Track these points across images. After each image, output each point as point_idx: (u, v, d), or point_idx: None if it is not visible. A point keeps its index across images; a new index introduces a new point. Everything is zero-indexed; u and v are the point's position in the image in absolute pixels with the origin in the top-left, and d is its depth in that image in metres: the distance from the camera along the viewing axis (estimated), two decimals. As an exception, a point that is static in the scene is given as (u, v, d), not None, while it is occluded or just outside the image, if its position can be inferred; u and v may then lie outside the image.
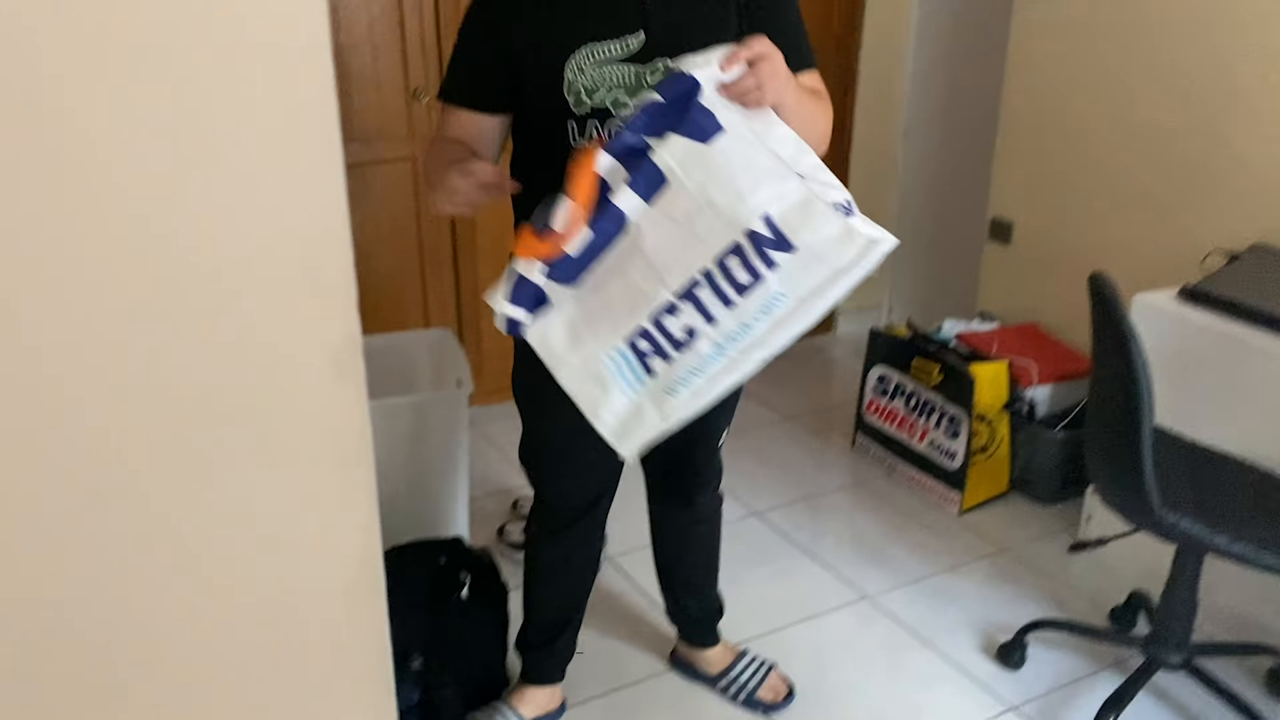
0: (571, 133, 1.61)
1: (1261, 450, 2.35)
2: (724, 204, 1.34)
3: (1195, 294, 2.53)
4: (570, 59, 1.57)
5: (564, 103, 1.59)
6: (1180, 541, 2.11)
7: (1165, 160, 2.97)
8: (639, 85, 1.57)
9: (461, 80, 1.71)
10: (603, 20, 1.57)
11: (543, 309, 1.45)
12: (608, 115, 1.59)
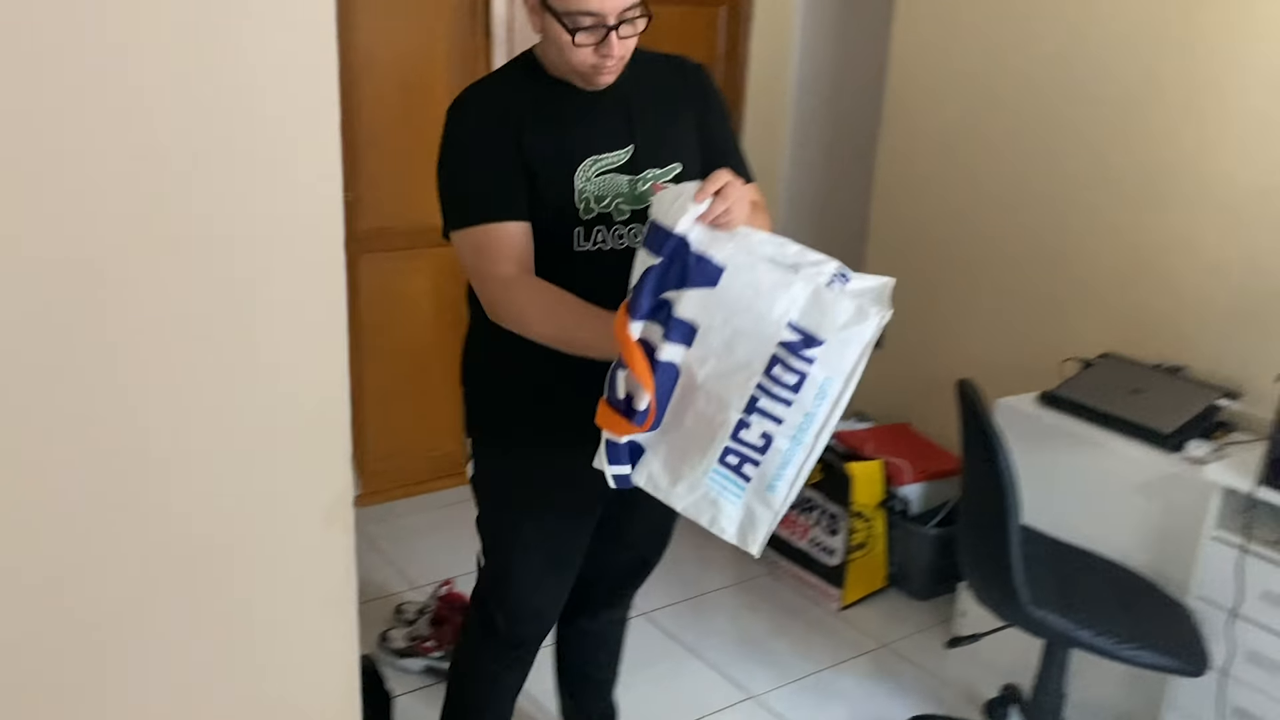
0: (576, 238, 1.72)
1: (1119, 546, 2.50)
2: (751, 329, 1.49)
3: (1054, 399, 2.69)
4: (579, 169, 1.70)
5: (574, 210, 1.70)
6: (1048, 636, 2.21)
7: (1024, 277, 3.18)
8: (632, 192, 1.74)
9: (502, 193, 1.69)
10: (601, 134, 1.72)
11: (641, 458, 1.60)
12: (611, 221, 1.73)
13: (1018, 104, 3.15)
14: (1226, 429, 2.55)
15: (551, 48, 1.66)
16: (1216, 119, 2.67)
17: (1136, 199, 2.87)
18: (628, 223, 1.74)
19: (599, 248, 1.73)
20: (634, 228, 1.75)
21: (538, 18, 1.64)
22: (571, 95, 1.72)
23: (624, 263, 1.65)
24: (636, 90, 1.76)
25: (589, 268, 1.72)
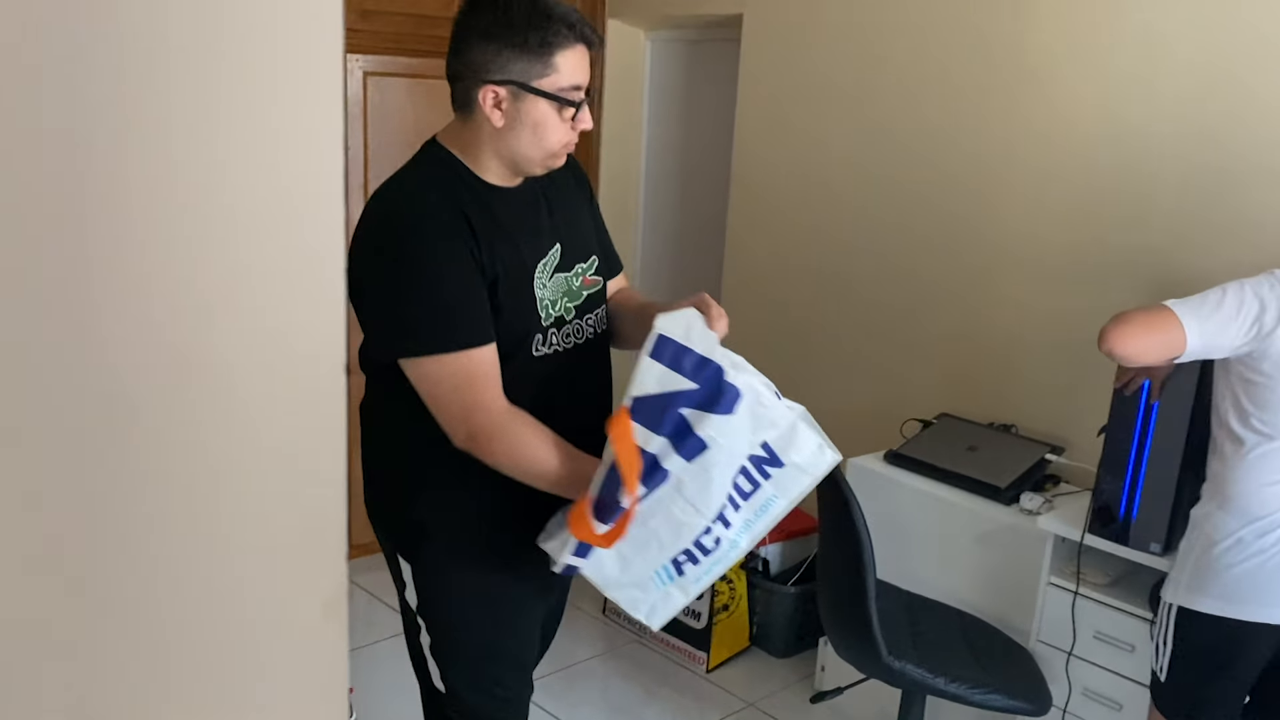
0: (535, 344, 1.69)
1: (965, 596, 2.65)
2: (741, 448, 1.61)
3: (898, 457, 2.85)
4: (535, 276, 1.68)
5: (537, 318, 1.68)
6: (905, 686, 2.32)
7: (866, 344, 3.37)
8: (570, 289, 1.74)
9: (481, 314, 1.60)
10: (537, 235, 1.70)
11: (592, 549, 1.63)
12: (562, 323, 1.72)
13: (853, 183, 3.36)
14: (1055, 481, 2.75)
15: (522, 135, 1.58)
16: (1034, 193, 2.92)
17: (965, 270, 3.09)
18: (573, 320, 1.75)
19: (554, 350, 1.72)
20: (577, 324, 1.75)
21: (509, 106, 1.56)
22: (503, 197, 1.66)
23: (572, 360, 1.73)
24: (545, 184, 1.74)
25: (543, 370, 1.70)
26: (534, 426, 1.61)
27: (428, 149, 1.68)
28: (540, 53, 1.53)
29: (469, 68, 1.56)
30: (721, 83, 3.86)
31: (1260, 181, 2.48)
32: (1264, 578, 1.88)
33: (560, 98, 1.56)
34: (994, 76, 2.97)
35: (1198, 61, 2.57)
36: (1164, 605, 2.06)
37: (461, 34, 1.56)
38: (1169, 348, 1.87)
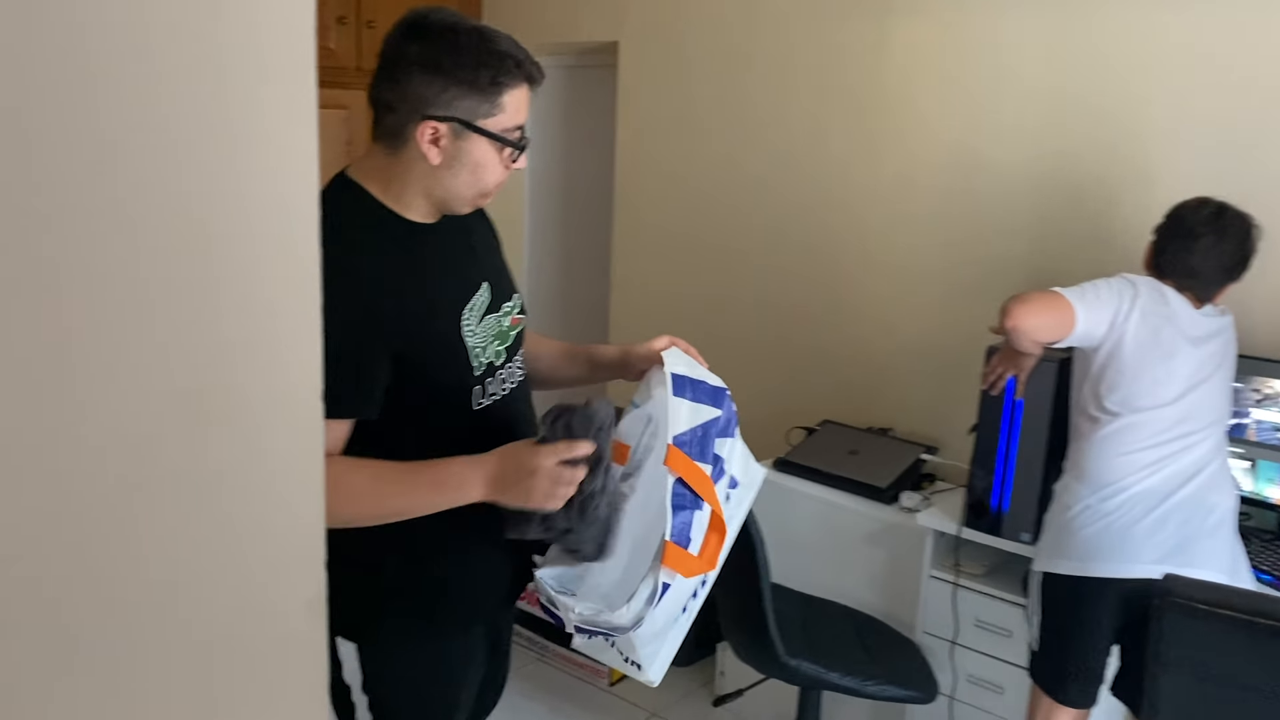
0: (475, 397, 1.57)
1: (854, 593, 2.77)
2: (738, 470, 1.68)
3: (786, 464, 2.97)
4: (463, 325, 1.55)
5: (470, 370, 1.55)
6: (802, 683, 2.42)
7: (752, 357, 3.49)
8: (500, 330, 1.62)
9: (363, 388, 1.46)
10: (465, 280, 1.58)
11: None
12: (494, 368, 1.60)
13: (731, 203, 3.48)
14: (931, 480, 2.91)
15: (459, 175, 1.48)
16: (902, 210, 3.09)
17: (840, 284, 3.24)
18: (504, 364, 1.63)
19: (494, 399, 1.61)
20: (509, 369, 1.64)
21: (449, 144, 1.46)
22: (424, 237, 1.54)
23: (511, 406, 1.63)
24: (462, 219, 1.62)
25: (487, 423, 1.58)
26: (348, 465, 1.45)
27: (341, 185, 1.52)
28: (490, 92, 1.44)
29: (406, 100, 1.44)
30: (600, 107, 3.95)
31: (1106, 194, 2.69)
32: (1110, 538, 2.08)
33: (505, 139, 1.48)
34: (857, 101, 3.13)
35: (1046, 83, 2.77)
36: (1031, 576, 2.24)
37: (399, 62, 1.44)
38: (1061, 327, 2.05)
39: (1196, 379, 2.09)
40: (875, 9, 3.06)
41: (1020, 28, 2.80)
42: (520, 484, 1.44)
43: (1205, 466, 2.09)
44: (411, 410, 1.51)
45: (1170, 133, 2.59)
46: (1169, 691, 1.51)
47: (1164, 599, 1.47)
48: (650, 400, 1.65)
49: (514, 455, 1.46)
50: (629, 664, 1.61)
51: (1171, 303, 2.11)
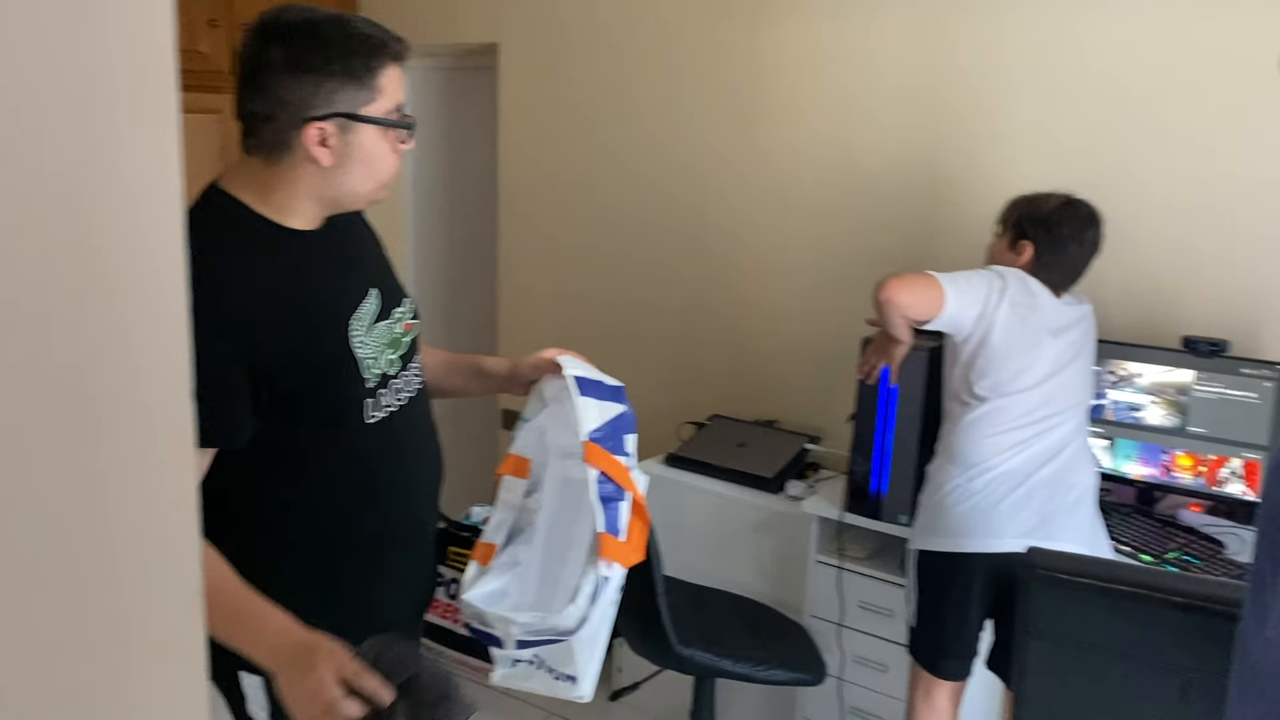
0: (367, 410, 1.50)
1: (745, 582, 2.84)
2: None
3: (677, 459, 3.02)
4: (351, 335, 1.48)
5: (361, 381, 1.48)
6: (696, 672, 2.47)
7: (643, 354, 3.53)
8: (393, 338, 1.56)
9: (232, 413, 1.38)
10: (351, 287, 1.52)
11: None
12: (387, 378, 1.53)
13: (616, 203, 3.52)
14: (815, 468, 3.00)
15: (353, 170, 1.43)
16: (781, 208, 3.17)
17: (725, 281, 3.31)
18: (399, 373, 1.56)
19: (388, 411, 1.53)
20: (405, 377, 1.58)
21: (338, 141, 1.40)
22: (305, 246, 1.47)
23: (408, 418, 1.56)
24: (342, 226, 1.56)
25: (381, 437, 1.52)
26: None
27: (209, 200, 1.44)
28: (365, 78, 1.39)
29: (282, 106, 1.37)
30: (482, 109, 3.94)
31: (965, 192, 2.81)
32: (979, 516, 2.19)
33: (391, 122, 1.43)
34: (738, 101, 3.20)
35: (912, 85, 2.89)
36: (908, 554, 2.34)
37: (265, 70, 1.37)
38: (931, 306, 2.14)
39: (1058, 365, 2.22)
40: (752, 10, 3.14)
41: (887, 30, 2.91)
42: (295, 678, 1.31)
43: (1066, 446, 2.22)
44: (303, 430, 1.45)
45: (1024, 131, 2.73)
46: (1036, 658, 1.60)
47: (1028, 571, 1.55)
48: (544, 412, 1.66)
49: (310, 649, 1.32)
50: (562, 681, 1.58)
51: (1037, 295, 2.22)
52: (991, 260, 2.36)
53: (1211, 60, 2.50)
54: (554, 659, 1.56)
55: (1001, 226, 2.36)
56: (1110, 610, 1.55)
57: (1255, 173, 2.47)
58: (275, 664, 1.34)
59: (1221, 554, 2.33)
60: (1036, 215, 2.28)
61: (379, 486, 1.55)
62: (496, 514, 1.62)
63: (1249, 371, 2.41)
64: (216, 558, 1.36)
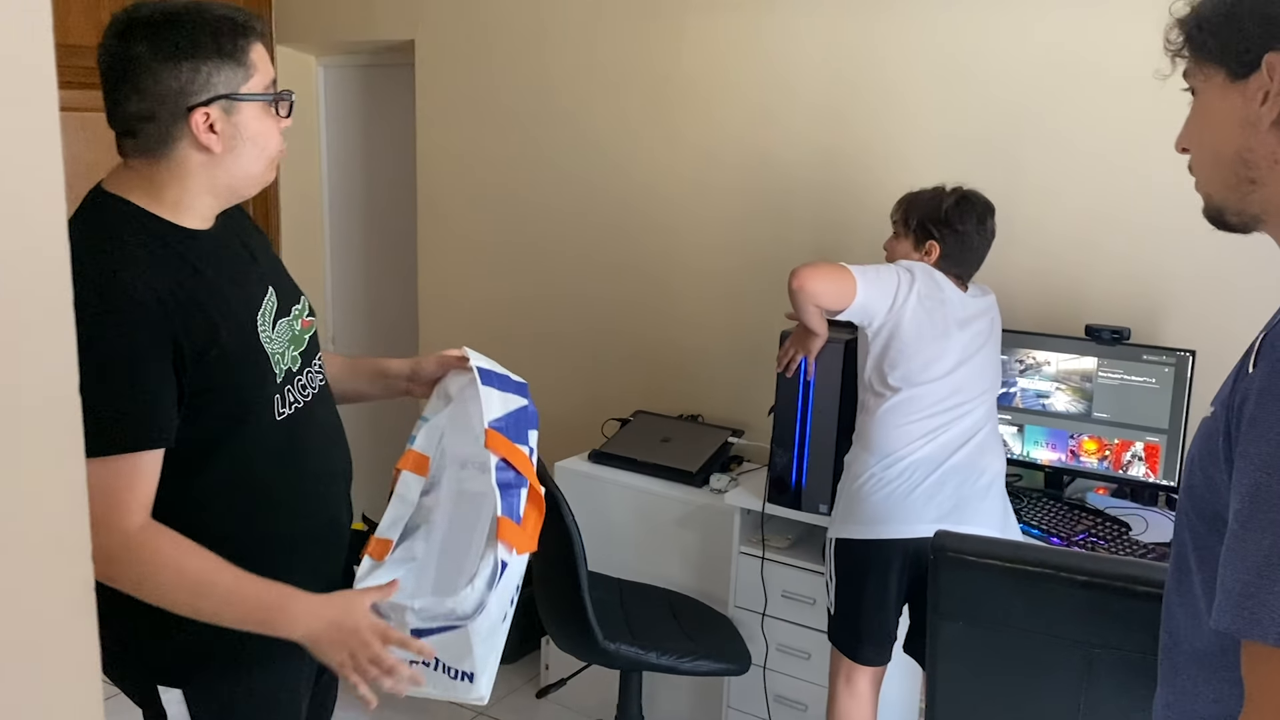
0: (276, 407, 1.50)
1: (670, 575, 2.86)
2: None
3: (601, 455, 3.03)
4: (259, 331, 1.49)
5: (272, 376, 1.49)
6: (622, 666, 2.49)
7: (565, 354, 3.54)
8: (294, 335, 1.56)
9: (159, 413, 1.36)
10: (251, 285, 1.52)
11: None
12: (293, 375, 1.54)
13: (536, 201, 3.51)
14: (739, 461, 3.04)
15: (244, 152, 1.43)
16: (700, 210, 3.20)
17: (647, 280, 3.33)
18: (301, 369, 1.57)
19: (294, 408, 1.54)
20: (308, 373, 1.59)
21: (224, 125, 1.39)
22: (203, 245, 1.46)
23: (313, 414, 1.57)
24: (233, 224, 1.56)
25: (289, 434, 1.53)
26: (180, 546, 1.38)
27: (98, 202, 1.42)
28: (238, 56, 1.39)
29: (161, 101, 1.36)
30: (399, 107, 3.90)
31: (877, 188, 2.87)
32: (894, 503, 2.24)
33: (273, 96, 1.44)
34: (657, 98, 3.22)
35: (824, 86, 2.94)
36: (827, 543, 2.38)
37: (133, 68, 1.35)
38: (843, 296, 2.19)
39: (966, 355, 2.28)
40: (672, 6, 3.16)
41: (803, 28, 2.95)
42: (340, 641, 1.42)
43: (976, 433, 2.28)
44: (214, 428, 1.45)
45: (934, 127, 2.80)
46: (947, 638, 1.65)
47: (938, 553, 1.60)
48: (445, 410, 1.67)
49: (344, 614, 1.43)
50: (460, 680, 1.56)
51: (944, 289, 2.28)
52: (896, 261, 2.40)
53: (1115, 59, 2.58)
54: (450, 654, 1.54)
55: (902, 229, 2.40)
56: (1015, 589, 1.60)
57: (1154, 168, 2.57)
58: (316, 638, 1.42)
59: (1127, 535, 2.41)
60: (937, 216, 2.33)
61: (290, 483, 1.54)
62: (392, 509, 1.61)
63: (1149, 358, 2.50)
64: (219, 560, 1.39)
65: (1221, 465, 0.96)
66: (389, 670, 1.44)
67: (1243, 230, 1.07)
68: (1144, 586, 1.48)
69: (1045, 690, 1.59)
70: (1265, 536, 0.87)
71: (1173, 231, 2.57)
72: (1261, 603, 0.86)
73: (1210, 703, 1.02)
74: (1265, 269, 2.45)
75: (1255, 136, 1.00)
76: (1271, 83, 0.98)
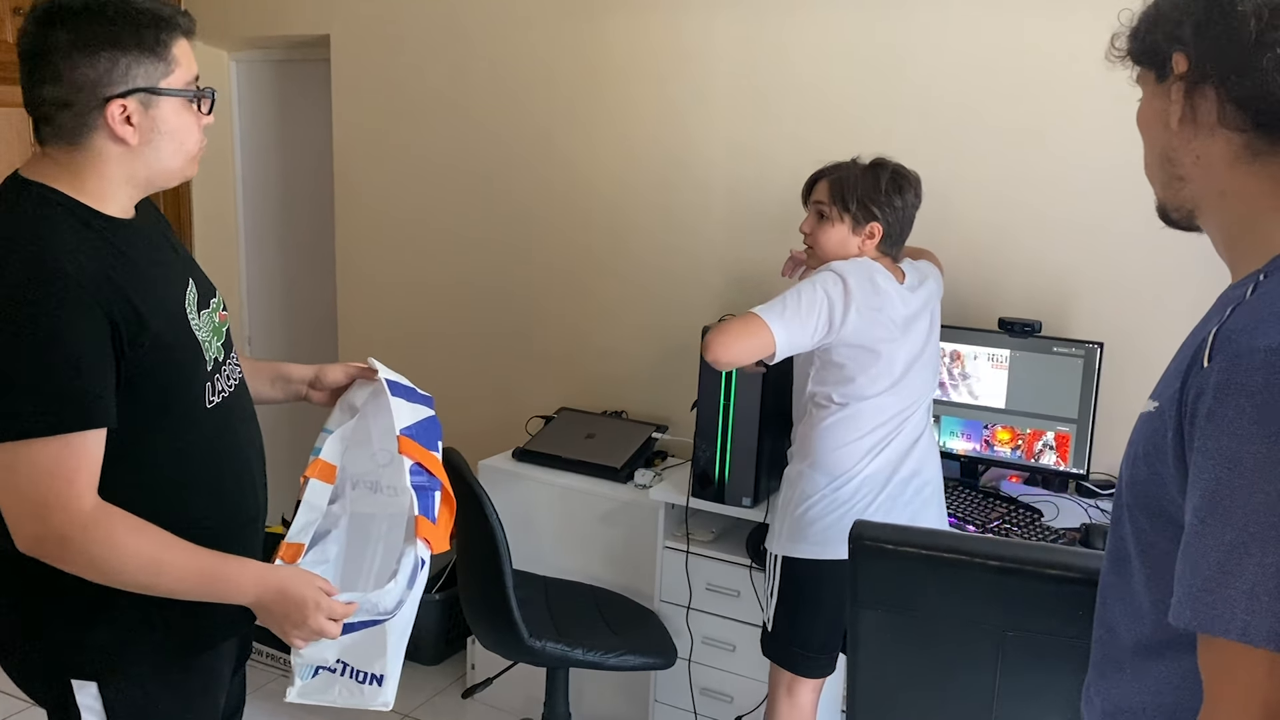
0: (207, 395, 1.51)
1: (595, 571, 2.86)
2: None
3: (524, 453, 3.02)
4: (188, 320, 1.50)
5: (203, 362, 1.50)
6: (549, 663, 2.48)
7: (488, 351, 3.51)
8: (214, 326, 1.57)
9: (93, 393, 1.34)
10: (173, 275, 1.52)
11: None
12: (219, 365, 1.55)
13: (456, 197, 3.48)
14: (663, 456, 3.05)
15: (162, 146, 1.43)
16: (620, 206, 3.21)
17: (572, 277, 3.33)
18: (225, 361, 1.58)
19: (221, 397, 1.55)
20: (230, 366, 1.60)
21: (141, 118, 1.40)
22: (128, 233, 1.45)
23: (235, 407, 1.58)
24: (153, 217, 1.57)
25: (217, 423, 1.54)
26: (134, 526, 1.38)
27: (20, 189, 1.41)
28: (160, 50, 1.39)
29: (78, 89, 1.36)
30: (314, 102, 3.84)
31: (790, 192, 2.90)
32: (847, 523, 2.01)
33: (193, 92, 1.44)
34: (576, 92, 3.22)
35: (743, 85, 2.97)
36: (771, 558, 2.28)
37: (52, 54, 1.36)
38: (762, 349, 2.07)
39: (910, 360, 2.21)
40: (589, 3, 3.15)
41: (721, 28, 2.97)
42: (283, 612, 1.46)
43: (918, 439, 2.24)
44: (147, 414, 1.43)
45: (852, 125, 2.84)
46: (867, 627, 1.67)
47: (855, 543, 1.62)
48: (347, 424, 1.69)
49: (290, 585, 1.46)
50: (367, 685, 1.57)
51: (882, 289, 2.15)
52: (833, 248, 2.22)
53: (1030, 60, 2.65)
54: (361, 657, 1.55)
55: (836, 211, 2.20)
56: (932, 576, 1.63)
57: (1064, 166, 2.64)
58: (263, 606, 1.46)
59: (1039, 521, 2.48)
60: (874, 194, 2.17)
61: (217, 472, 1.55)
62: (302, 515, 1.62)
63: (1060, 350, 2.57)
64: (168, 535, 1.40)
65: (1170, 461, 0.95)
66: (331, 634, 1.48)
67: (1188, 227, 1.08)
68: (1053, 570, 1.52)
69: (962, 672, 1.63)
70: (1225, 532, 0.86)
71: (1082, 227, 2.65)
72: (1221, 598, 0.86)
73: (1146, 693, 1.03)
74: (1167, 264, 2.55)
75: (1174, 134, 1.03)
76: (1179, 81, 1.01)
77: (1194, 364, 0.93)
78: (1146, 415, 1.02)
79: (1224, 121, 0.99)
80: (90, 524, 1.34)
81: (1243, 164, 0.99)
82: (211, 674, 1.62)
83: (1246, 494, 0.85)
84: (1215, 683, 0.89)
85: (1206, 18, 0.98)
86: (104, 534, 1.35)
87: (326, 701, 1.56)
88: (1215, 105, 0.99)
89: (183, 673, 1.56)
